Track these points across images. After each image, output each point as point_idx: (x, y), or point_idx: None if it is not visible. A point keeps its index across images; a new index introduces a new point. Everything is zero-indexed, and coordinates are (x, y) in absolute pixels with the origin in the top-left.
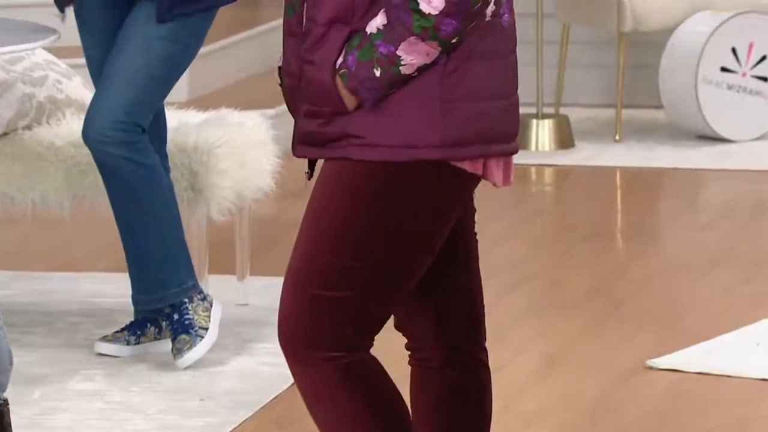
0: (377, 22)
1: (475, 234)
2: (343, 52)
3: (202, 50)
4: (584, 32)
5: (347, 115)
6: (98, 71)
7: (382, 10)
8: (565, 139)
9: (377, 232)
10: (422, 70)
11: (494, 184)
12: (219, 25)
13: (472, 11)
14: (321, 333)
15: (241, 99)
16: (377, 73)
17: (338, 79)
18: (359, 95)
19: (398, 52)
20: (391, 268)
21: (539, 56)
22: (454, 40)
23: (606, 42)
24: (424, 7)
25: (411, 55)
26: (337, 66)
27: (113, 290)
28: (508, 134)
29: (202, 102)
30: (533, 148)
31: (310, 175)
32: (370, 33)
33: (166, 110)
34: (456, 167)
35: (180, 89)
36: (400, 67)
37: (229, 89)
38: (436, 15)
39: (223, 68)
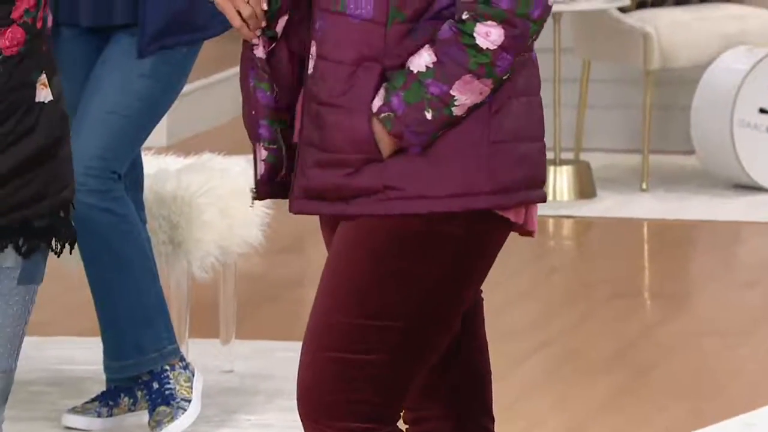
0: (424, 59)
1: (481, 291)
2: (382, 93)
3: (183, 90)
4: (607, 69)
5: (380, 163)
6: (69, 110)
7: (427, 47)
8: (585, 187)
9: (411, 291)
10: (471, 110)
11: (530, 234)
12: (201, 62)
13: (527, 45)
14: (346, 402)
15: (225, 143)
16: (428, 115)
17: (376, 124)
18: (406, 141)
19: (452, 92)
20: (424, 327)
21: (556, 96)
22: (505, 77)
23: (631, 80)
24: (481, 42)
25: (465, 95)
26: (376, 109)
27: (83, 356)
28: (544, 179)
29: (182, 147)
30: (551, 197)
31: (261, 196)
32: (418, 72)
33: (143, 155)
34: (500, 216)
35: (159, 133)
36: (453, 108)
37: (212, 132)
38: (494, 50)
39: (206, 110)
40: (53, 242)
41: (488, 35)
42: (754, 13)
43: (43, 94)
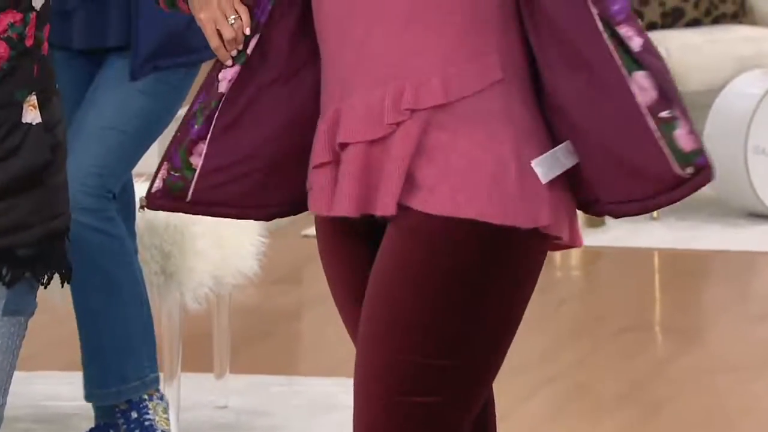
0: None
1: None
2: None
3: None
4: None
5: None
6: None
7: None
8: (594, 216)
9: (477, 323)
10: None
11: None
12: (193, 86)
13: None
14: None
15: None
16: None
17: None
18: None
19: None
20: (491, 358)
21: None
22: None
23: None
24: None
25: None
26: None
27: (71, 392)
28: None
29: None
30: None
31: (151, 206)
32: None
33: (135, 182)
34: (543, 233)
35: (150, 158)
36: None
37: None
38: None
39: None
40: (41, 273)
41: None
42: None
43: (31, 116)
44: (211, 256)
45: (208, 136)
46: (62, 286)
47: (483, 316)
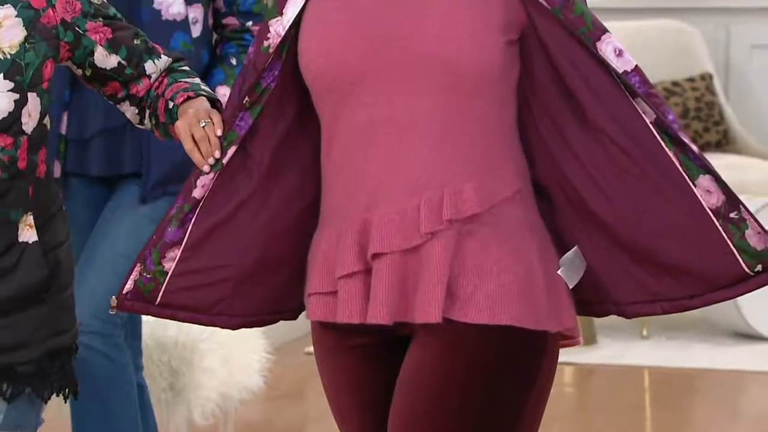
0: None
1: None
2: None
3: None
4: None
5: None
6: (75, 254)
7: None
8: (586, 334)
9: (525, 418)
10: None
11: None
12: None
13: None
14: None
15: None
16: None
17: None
18: None
19: None
20: None
21: None
22: None
23: None
24: None
25: None
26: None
27: None
28: None
29: None
30: None
31: (121, 308)
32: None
33: None
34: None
35: None
36: None
37: None
38: None
39: None
40: (42, 389)
41: None
42: (753, 164)
43: (27, 235)
44: (218, 372)
45: (183, 241)
46: (65, 402)
47: (523, 415)
